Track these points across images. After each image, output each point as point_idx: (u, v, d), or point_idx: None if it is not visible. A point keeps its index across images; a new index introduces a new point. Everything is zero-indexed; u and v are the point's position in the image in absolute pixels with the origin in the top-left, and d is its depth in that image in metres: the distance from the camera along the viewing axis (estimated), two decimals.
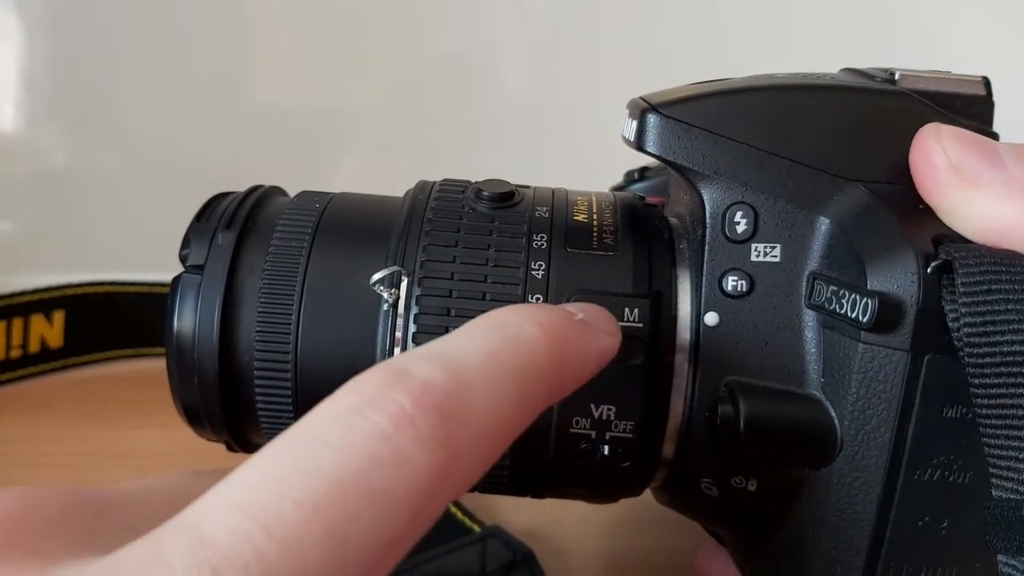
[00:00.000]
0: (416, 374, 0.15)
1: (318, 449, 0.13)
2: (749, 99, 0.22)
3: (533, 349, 0.16)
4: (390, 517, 0.13)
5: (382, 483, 0.13)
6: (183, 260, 0.23)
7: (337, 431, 0.14)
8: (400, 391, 0.14)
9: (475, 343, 0.16)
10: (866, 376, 0.19)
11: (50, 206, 0.50)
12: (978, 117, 0.22)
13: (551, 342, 0.17)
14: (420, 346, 0.16)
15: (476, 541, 0.29)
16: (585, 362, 0.18)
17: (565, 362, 0.17)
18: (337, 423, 0.14)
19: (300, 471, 0.13)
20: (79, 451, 0.36)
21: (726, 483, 0.22)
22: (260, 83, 0.51)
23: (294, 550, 0.12)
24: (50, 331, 0.42)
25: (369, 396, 0.14)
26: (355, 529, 0.13)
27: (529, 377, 0.16)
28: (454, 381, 0.15)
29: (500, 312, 0.17)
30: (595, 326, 0.18)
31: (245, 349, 0.22)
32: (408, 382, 0.14)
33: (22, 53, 0.48)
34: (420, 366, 0.15)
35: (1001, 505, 0.18)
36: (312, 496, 0.13)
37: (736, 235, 0.21)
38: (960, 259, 0.18)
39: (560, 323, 0.17)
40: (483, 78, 0.51)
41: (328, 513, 0.13)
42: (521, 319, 0.17)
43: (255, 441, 0.25)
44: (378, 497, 0.13)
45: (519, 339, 0.16)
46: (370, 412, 0.14)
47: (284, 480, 0.13)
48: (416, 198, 0.23)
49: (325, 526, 0.13)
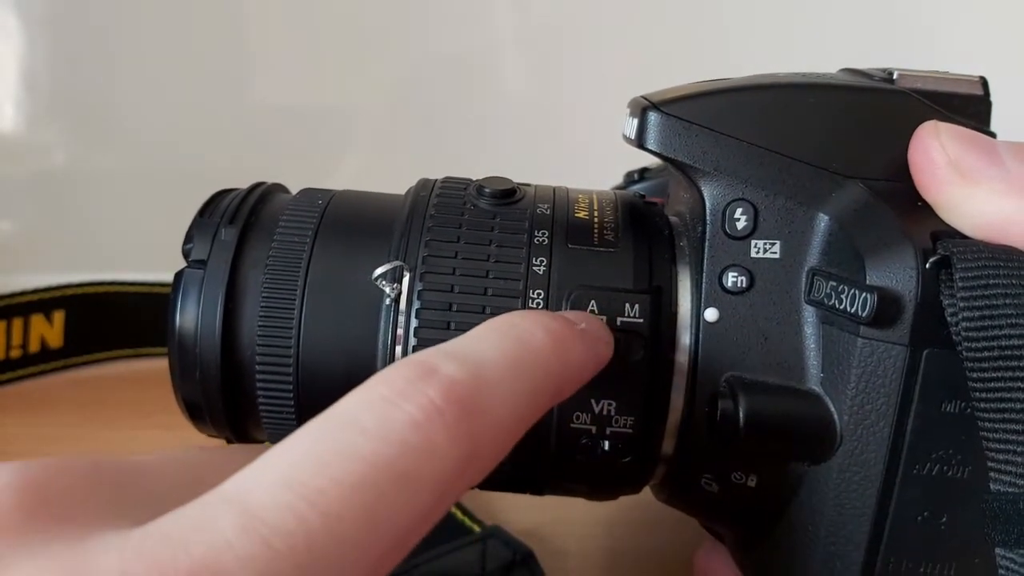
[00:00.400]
0: (442, 371, 0.16)
1: (355, 434, 0.14)
2: (749, 97, 0.22)
3: (542, 352, 0.18)
4: (417, 499, 0.14)
5: (413, 468, 0.14)
6: (186, 255, 0.23)
7: (372, 418, 0.15)
8: (430, 385, 0.15)
9: (492, 344, 0.17)
10: (865, 371, 0.19)
11: (50, 206, 0.50)
12: (976, 116, 0.22)
13: (557, 347, 0.18)
14: (441, 344, 0.17)
15: (476, 541, 0.29)
16: (584, 367, 0.19)
17: (569, 366, 0.18)
18: (372, 411, 0.15)
19: (339, 453, 0.14)
20: (79, 451, 0.36)
21: (726, 479, 0.22)
22: (260, 83, 0.51)
23: (334, 523, 0.13)
24: (50, 331, 0.42)
25: (400, 388, 0.15)
26: (387, 508, 0.14)
27: (539, 378, 0.17)
28: (476, 378, 0.16)
29: (510, 316, 0.19)
30: (593, 334, 0.20)
31: (247, 344, 0.22)
32: (437, 378, 0.15)
33: (22, 53, 0.48)
34: (445, 363, 0.16)
35: (999, 498, 0.18)
36: (351, 476, 0.14)
37: (736, 232, 0.21)
38: (959, 254, 0.18)
39: (564, 330, 0.19)
40: (483, 78, 0.51)
41: (365, 492, 0.14)
42: (530, 324, 0.18)
43: (256, 437, 0.25)
44: (409, 480, 0.14)
45: (531, 343, 0.18)
46: (403, 402, 0.15)
47: (325, 460, 0.14)
48: (418, 195, 0.24)
49: (362, 504, 0.14)
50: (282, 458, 0.14)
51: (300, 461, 0.14)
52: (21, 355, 0.41)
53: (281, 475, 0.14)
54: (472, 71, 0.51)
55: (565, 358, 0.18)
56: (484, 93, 0.51)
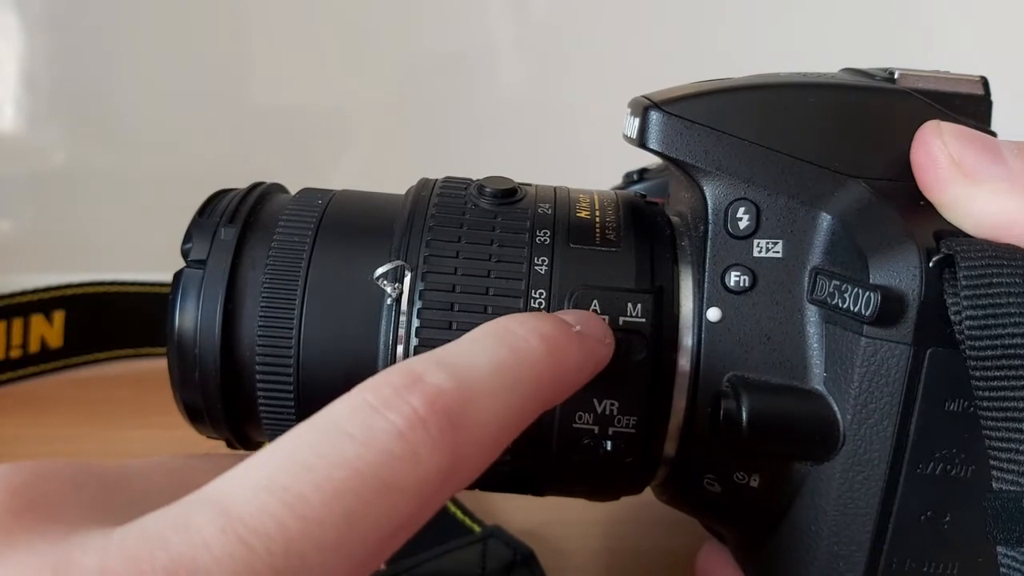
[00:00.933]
0: (429, 379, 0.16)
1: (340, 440, 0.15)
2: (751, 96, 0.22)
3: (535, 361, 0.18)
4: (399, 508, 0.14)
5: (395, 477, 0.14)
6: (185, 255, 0.23)
7: (357, 426, 0.15)
8: (415, 395, 0.15)
9: (483, 352, 0.17)
10: (868, 370, 0.19)
11: (50, 206, 0.50)
12: (976, 116, 0.22)
13: (551, 353, 0.18)
14: (432, 350, 0.17)
15: (476, 541, 0.29)
16: (580, 371, 0.19)
17: (563, 372, 0.18)
18: (357, 418, 0.15)
19: (322, 458, 0.14)
20: (79, 451, 0.36)
21: (729, 479, 0.22)
22: (259, 83, 0.51)
23: (314, 528, 0.13)
24: (50, 331, 0.42)
25: (386, 396, 0.15)
26: (368, 515, 0.14)
27: (530, 387, 0.17)
28: (462, 389, 0.16)
29: (506, 321, 0.18)
30: (591, 336, 0.19)
31: (247, 344, 0.22)
32: (422, 387, 0.16)
33: (22, 53, 0.48)
34: (433, 372, 0.16)
35: (1001, 497, 0.18)
36: (332, 482, 0.14)
37: (738, 231, 0.21)
38: (962, 253, 0.18)
39: (560, 335, 0.18)
40: (483, 77, 0.51)
41: (346, 499, 0.14)
42: (525, 331, 0.18)
43: (255, 438, 0.25)
44: (390, 489, 0.14)
45: (523, 351, 0.18)
46: (387, 411, 0.15)
47: (307, 465, 0.14)
48: (419, 195, 0.23)
49: (342, 510, 0.14)
50: (265, 462, 0.14)
51: (283, 465, 0.14)
52: (21, 355, 0.41)
53: (263, 479, 0.14)
54: (472, 71, 0.51)
55: (559, 365, 0.18)
56: (484, 93, 0.51)
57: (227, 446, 0.25)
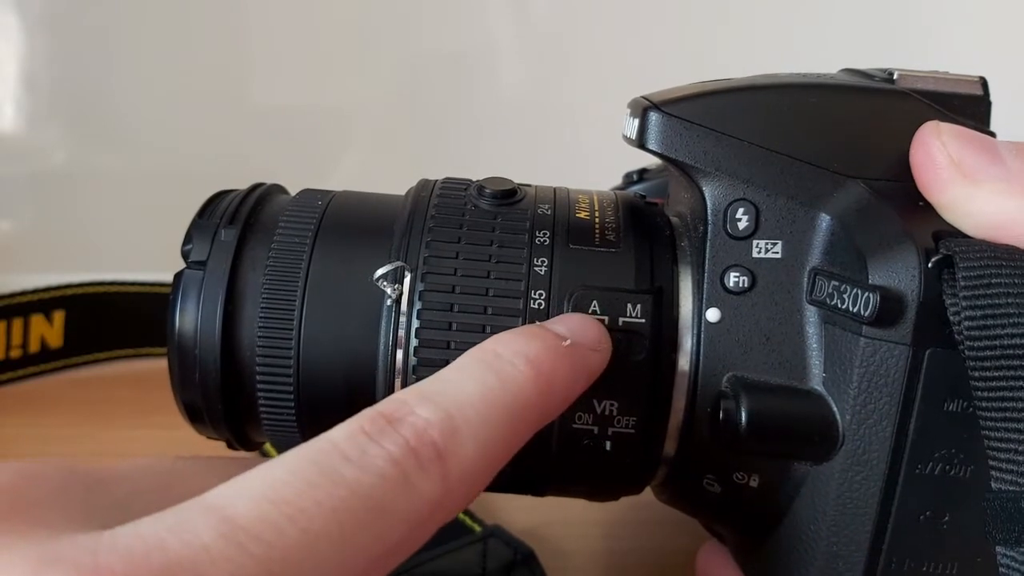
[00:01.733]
0: (419, 412, 0.17)
1: (339, 462, 0.15)
2: (751, 97, 0.22)
3: (523, 386, 0.18)
4: (391, 531, 0.15)
5: (389, 501, 0.15)
6: (185, 256, 0.23)
7: (354, 450, 0.16)
8: (404, 427, 0.16)
9: (469, 381, 0.18)
10: (867, 370, 0.19)
11: (50, 206, 0.50)
12: (975, 116, 0.22)
13: (539, 376, 0.18)
14: (420, 382, 0.18)
15: (476, 541, 0.29)
16: (572, 386, 0.19)
17: (553, 391, 0.19)
18: (354, 443, 0.16)
19: (324, 477, 0.15)
20: (79, 451, 0.36)
21: (728, 479, 0.22)
22: (259, 83, 0.51)
23: (312, 540, 0.14)
24: (50, 331, 0.42)
25: (380, 426, 0.16)
26: (362, 535, 0.15)
27: (518, 413, 0.18)
28: (448, 420, 0.17)
29: (492, 344, 0.19)
30: (583, 346, 0.20)
31: (247, 345, 0.22)
32: (412, 420, 0.16)
33: (22, 53, 0.48)
34: (421, 406, 0.17)
35: (1000, 497, 0.18)
36: (331, 500, 0.15)
37: (738, 232, 0.21)
38: (961, 253, 0.18)
39: (549, 355, 0.19)
40: (483, 78, 0.51)
41: (343, 517, 0.14)
42: (513, 355, 0.18)
43: (255, 439, 0.25)
44: (384, 512, 0.15)
45: (509, 376, 0.18)
46: (381, 439, 0.16)
47: (308, 481, 0.15)
48: (419, 196, 0.23)
49: (339, 527, 0.14)
50: (267, 476, 0.15)
51: (286, 480, 0.15)
52: (21, 355, 0.41)
53: (265, 490, 0.14)
54: (472, 71, 0.51)
55: (547, 386, 0.18)
56: (484, 93, 0.51)
57: (227, 447, 0.25)
